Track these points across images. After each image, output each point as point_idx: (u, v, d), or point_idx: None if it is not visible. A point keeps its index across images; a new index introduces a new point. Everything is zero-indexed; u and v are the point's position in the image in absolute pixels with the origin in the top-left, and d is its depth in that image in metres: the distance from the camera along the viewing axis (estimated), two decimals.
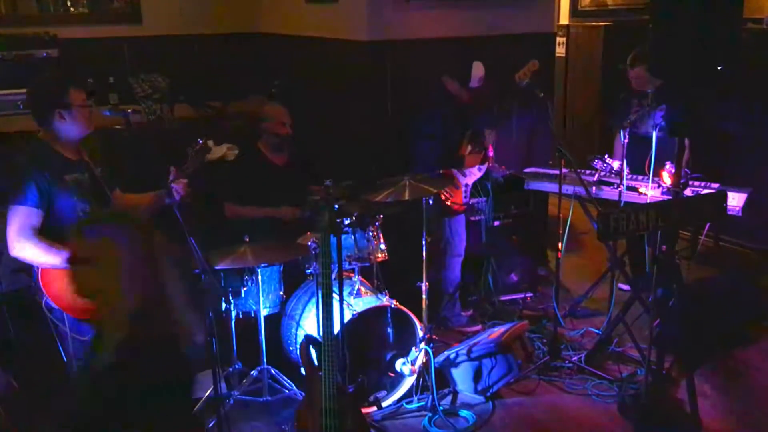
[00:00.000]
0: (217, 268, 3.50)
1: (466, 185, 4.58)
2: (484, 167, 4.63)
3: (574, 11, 7.84)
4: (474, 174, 4.60)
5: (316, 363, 3.08)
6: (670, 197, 4.03)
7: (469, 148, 4.52)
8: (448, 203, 4.49)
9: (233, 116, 5.48)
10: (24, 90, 5.03)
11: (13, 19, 5.59)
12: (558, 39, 7.26)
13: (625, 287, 4.92)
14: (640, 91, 4.62)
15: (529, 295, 5.10)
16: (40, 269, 3.03)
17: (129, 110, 3.12)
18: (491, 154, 4.73)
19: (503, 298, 5.03)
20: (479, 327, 4.66)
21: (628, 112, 4.60)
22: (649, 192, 4.23)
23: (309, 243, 3.75)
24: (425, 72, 4.64)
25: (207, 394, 3.67)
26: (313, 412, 3.07)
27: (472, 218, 4.87)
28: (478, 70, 4.39)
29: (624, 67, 4.64)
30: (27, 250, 2.95)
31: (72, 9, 5.75)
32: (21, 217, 2.95)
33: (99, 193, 3.17)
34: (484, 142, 4.55)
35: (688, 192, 4.13)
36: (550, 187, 4.64)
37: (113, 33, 5.78)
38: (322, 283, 2.98)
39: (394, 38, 4.83)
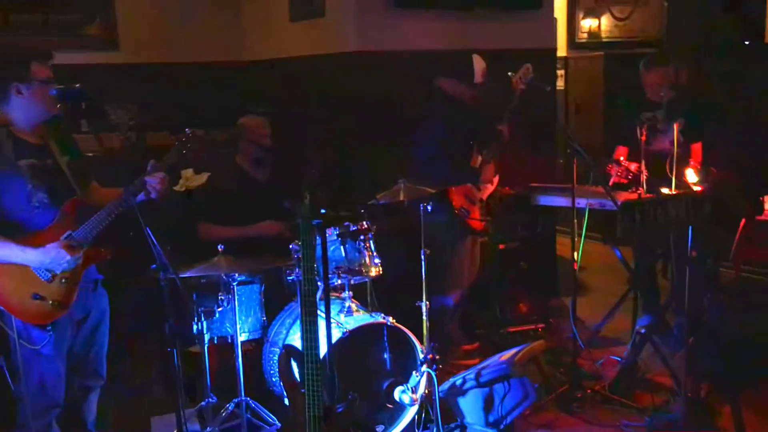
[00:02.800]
0: (186, 275, 3.03)
1: (481, 200, 4.14)
2: (496, 179, 4.18)
3: (572, 43, 7.65)
4: (488, 187, 4.16)
5: (297, 378, 2.59)
6: None
7: (480, 157, 4.09)
8: (468, 221, 4.03)
9: (210, 143, 5.11)
10: None
11: None
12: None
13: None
14: (652, 102, 4.25)
15: (540, 326, 4.62)
16: None
17: (77, 85, 2.70)
18: None
19: (511, 329, 4.54)
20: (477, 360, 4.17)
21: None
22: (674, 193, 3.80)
23: (291, 246, 3.29)
24: (420, 82, 4.29)
25: None
26: None
27: None
28: (479, 62, 4.00)
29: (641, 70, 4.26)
30: None
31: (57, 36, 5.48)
32: None
33: (61, 182, 2.78)
34: (497, 148, 4.11)
35: None
36: (561, 201, 4.21)
37: (89, 60, 5.48)
38: (304, 289, 2.52)
39: (385, 48, 4.51)
